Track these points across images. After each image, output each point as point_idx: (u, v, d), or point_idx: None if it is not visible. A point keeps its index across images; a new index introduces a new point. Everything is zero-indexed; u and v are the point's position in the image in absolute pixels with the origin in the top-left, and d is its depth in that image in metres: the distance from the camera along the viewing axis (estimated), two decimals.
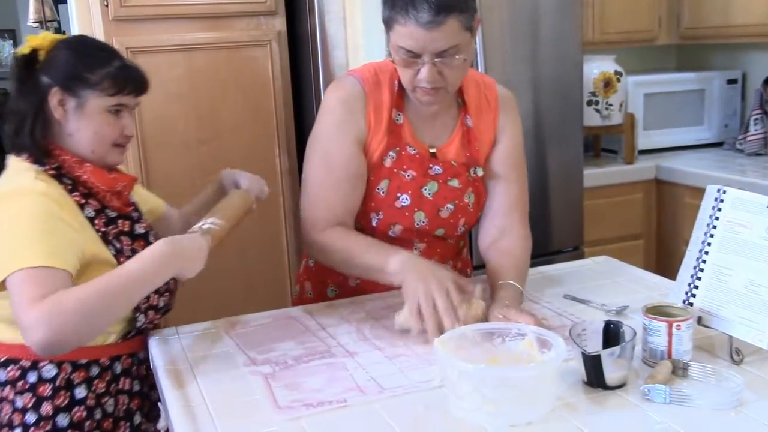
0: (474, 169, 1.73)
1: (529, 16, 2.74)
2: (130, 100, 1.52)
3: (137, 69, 1.53)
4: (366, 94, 1.67)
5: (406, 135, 1.69)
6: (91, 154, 1.50)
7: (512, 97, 1.83)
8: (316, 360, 1.40)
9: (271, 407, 1.23)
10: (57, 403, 1.46)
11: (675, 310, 1.33)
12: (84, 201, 1.48)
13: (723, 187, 1.40)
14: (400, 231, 1.70)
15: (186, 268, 1.40)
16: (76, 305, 1.26)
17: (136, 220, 1.58)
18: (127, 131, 1.52)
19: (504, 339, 1.27)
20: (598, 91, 3.22)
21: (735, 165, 3.18)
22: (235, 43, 2.60)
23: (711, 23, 3.31)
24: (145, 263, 1.36)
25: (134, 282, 1.34)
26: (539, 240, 2.85)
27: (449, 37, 1.50)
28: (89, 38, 1.59)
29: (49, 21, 3.62)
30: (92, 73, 1.46)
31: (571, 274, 1.86)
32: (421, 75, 1.55)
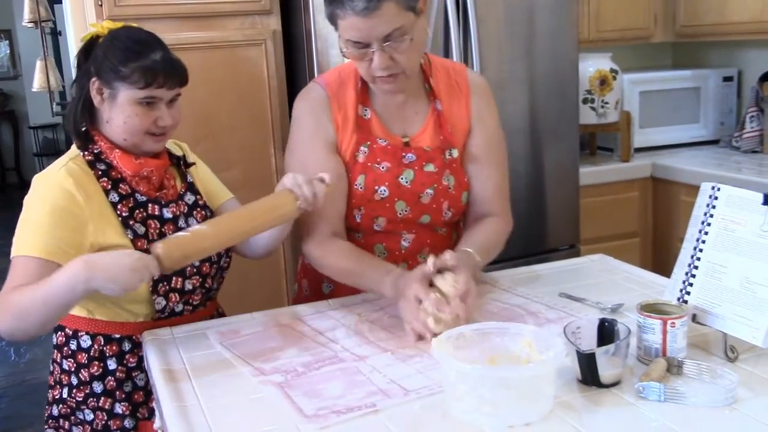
0: (449, 151, 1.74)
1: (524, 13, 2.73)
2: (163, 93, 1.55)
3: (173, 62, 1.56)
4: (329, 97, 1.72)
5: (375, 128, 1.72)
6: (123, 142, 1.58)
7: (484, 83, 1.85)
8: (327, 366, 1.37)
9: (298, 416, 1.19)
10: (92, 371, 1.62)
11: (670, 308, 1.33)
12: (110, 186, 1.57)
13: (717, 184, 1.40)
14: (384, 224, 1.71)
15: (104, 287, 1.36)
16: (14, 309, 1.40)
17: (164, 205, 1.61)
18: (160, 122, 1.56)
19: (503, 338, 1.27)
20: (594, 89, 3.22)
21: (731, 162, 3.18)
22: (230, 43, 2.59)
23: (707, 21, 3.31)
24: (60, 278, 1.38)
25: (51, 296, 1.39)
26: (535, 238, 2.89)
27: (390, 20, 1.52)
28: (134, 30, 1.61)
29: (44, 21, 3.61)
30: (124, 65, 1.52)
31: (567, 272, 1.86)
32: (374, 63, 1.57)
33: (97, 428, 1.63)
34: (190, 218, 1.66)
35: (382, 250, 1.76)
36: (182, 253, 1.42)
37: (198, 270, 1.63)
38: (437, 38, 2.61)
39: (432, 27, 2.59)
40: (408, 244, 1.76)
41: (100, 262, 1.38)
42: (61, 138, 9.65)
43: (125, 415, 1.62)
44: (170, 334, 1.57)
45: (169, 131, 1.61)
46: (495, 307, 1.62)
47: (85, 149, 1.59)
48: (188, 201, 1.68)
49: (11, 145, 9.70)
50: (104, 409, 1.62)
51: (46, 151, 9.57)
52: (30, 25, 3.78)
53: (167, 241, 1.42)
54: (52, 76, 3.58)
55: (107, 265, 1.37)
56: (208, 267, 1.65)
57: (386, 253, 1.76)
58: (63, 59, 7.91)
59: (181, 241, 1.43)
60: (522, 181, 2.78)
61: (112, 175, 1.58)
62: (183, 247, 1.42)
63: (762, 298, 1.28)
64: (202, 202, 1.71)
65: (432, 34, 2.59)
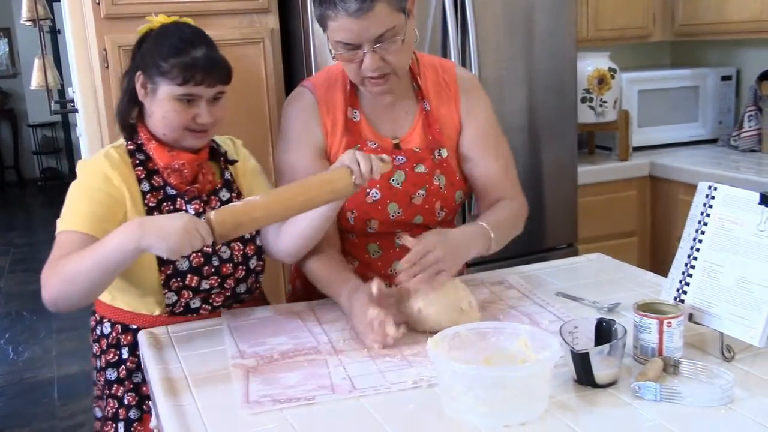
0: (438, 151, 1.74)
1: (523, 12, 2.73)
2: (202, 91, 1.55)
3: (214, 60, 1.57)
4: (317, 101, 1.72)
5: (364, 131, 1.72)
6: (163, 137, 1.60)
7: (473, 78, 1.85)
8: (302, 356, 1.41)
9: (241, 400, 1.24)
10: (108, 358, 1.67)
11: (666, 308, 1.33)
12: (144, 176, 1.60)
13: (714, 183, 1.40)
14: (377, 225, 1.71)
15: (155, 245, 1.36)
16: (62, 274, 1.43)
17: (188, 201, 1.61)
18: (199, 119, 1.57)
19: (498, 338, 1.27)
20: (593, 88, 3.21)
21: (729, 161, 3.18)
22: (228, 41, 2.58)
23: (705, 20, 3.31)
24: (111, 239, 1.40)
25: (102, 257, 1.40)
26: (533, 237, 2.88)
27: (382, 21, 1.52)
28: (182, 26, 1.61)
29: (42, 19, 3.60)
30: (165, 61, 1.54)
31: (564, 271, 1.86)
32: (365, 65, 1.56)
33: (107, 415, 1.67)
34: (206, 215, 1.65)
35: (377, 249, 1.76)
36: (234, 221, 1.40)
37: (217, 270, 1.62)
38: (435, 37, 2.61)
39: (430, 26, 2.59)
40: (402, 243, 1.74)
41: (154, 220, 1.40)
42: (60, 136, 9.65)
43: (131, 406, 1.65)
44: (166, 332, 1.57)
45: (211, 128, 1.61)
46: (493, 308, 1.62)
47: (130, 139, 1.64)
48: (222, 197, 1.67)
49: (10, 144, 9.68)
50: (116, 396, 1.66)
51: (45, 150, 9.57)
52: (28, 23, 3.77)
53: (220, 210, 1.42)
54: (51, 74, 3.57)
55: (160, 223, 1.37)
56: (230, 267, 1.64)
57: (381, 252, 1.76)
58: (62, 57, 7.90)
59: (234, 210, 1.42)
60: (520, 180, 2.76)
61: (148, 165, 1.62)
62: (235, 215, 1.41)
63: (759, 297, 1.28)
64: (237, 200, 1.67)
65: (430, 32, 2.59)
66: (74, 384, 3.84)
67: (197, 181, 1.63)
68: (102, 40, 2.46)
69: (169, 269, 1.57)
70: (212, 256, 1.62)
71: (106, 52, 2.45)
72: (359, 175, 1.45)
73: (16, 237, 7.13)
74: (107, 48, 2.45)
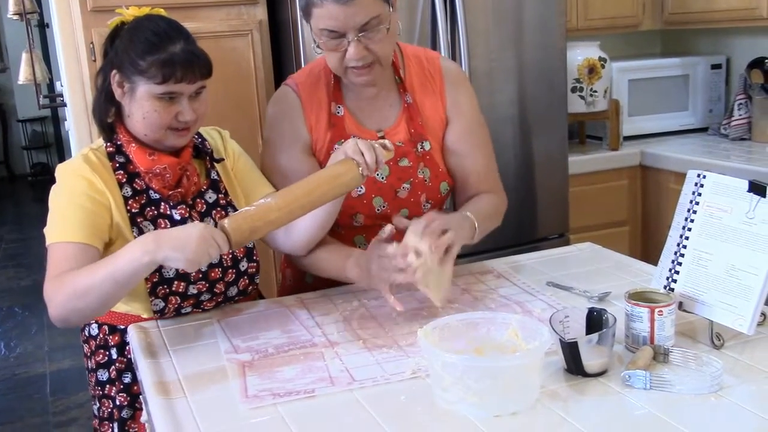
0: (421, 144, 1.74)
1: (512, 2, 2.72)
2: (183, 88, 1.48)
3: (193, 55, 1.49)
4: (301, 99, 1.71)
5: (348, 125, 1.71)
6: (145, 137, 1.54)
7: (458, 70, 1.85)
8: (296, 350, 1.40)
9: (239, 395, 1.23)
10: (97, 359, 1.64)
11: (657, 296, 1.33)
12: (125, 180, 1.55)
13: (703, 172, 1.40)
14: (363, 219, 1.72)
15: (171, 257, 1.33)
16: (71, 289, 1.38)
17: (173, 206, 1.57)
18: (181, 117, 1.50)
19: (489, 328, 1.27)
20: (583, 78, 3.21)
21: (719, 150, 3.19)
22: (216, 33, 2.57)
23: (695, 8, 3.31)
24: (124, 253, 1.37)
25: (116, 271, 1.36)
26: (525, 227, 2.89)
27: (367, 9, 1.52)
28: (156, 20, 1.52)
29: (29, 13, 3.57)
30: (143, 59, 1.46)
31: (555, 260, 1.86)
32: (349, 54, 1.56)
33: (103, 416, 1.66)
34: (206, 218, 1.61)
35: (362, 241, 1.76)
36: (250, 226, 1.38)
37: (205, 275, 1.58)
38: (424, 28, 2.60)
39: (419, 16, 2.58)
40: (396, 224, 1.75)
41: (169, 232, 1.36)
42: (50, 131, 9.60)
43: (123, 406, 1.63)
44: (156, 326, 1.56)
45: (193, 125, 1.55)
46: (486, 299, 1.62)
47: (109, 140, 1.57)
48: (208, 199, 1.63)
49: (0, 139, 9.63)
50: (109, 396, 1.64)
51: (35, 145, 9.52)
52: (15, 17, 3.74)
53: (234, 216, 1.40)
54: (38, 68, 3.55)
55: (175, 234, 1.34)
56: (219, 272, 1.60)
57: (366, 244, 1.75)
58: (51, 51, 7.85)
59: (248, 215, 1.40)
60: (511, 171, 2.78)
61: (129, 168, 1.56)
62: (250, 221, 1.39)
63: (747, 285, 1.28)
64: (224, 201, 1.65)
65: (419, 23, 2.58)
66: (66, 379, 3.83)
67: (181, 185, 1.58)
68: (89, 33, 2.44)
69: (155, 277, 1.53)
70: None
71: (93, 45, 2.44)
72: (365, 166, 1.45)
73: (6, 232, 7.09)
74: (94, 41, 2.43)
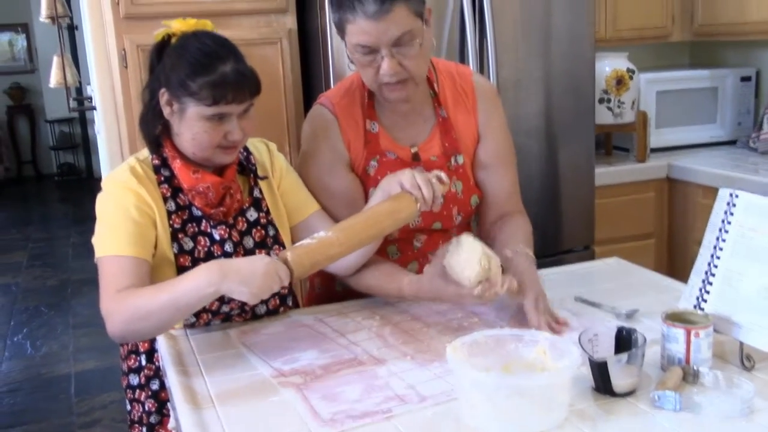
0: (455, 158, 1.75)
1: (541, 13, 2.72)
2: (232, 108, 1.48)
3: (243, 75, 1.48)
4: (338, 118, 1.72)
5: (383, 142, 1.73)
6: (192, 155, 1.54)
7: (490, 86, 1.87)
8: (346, 369, 1.38)
9: (314, 420, 1.20)
10: (129, 364, 1.66)
11: (695, 317, 1.32)
12: (169, 194, 1.55)
13: (735, 191, 1.39)
14: (397, 232, 1.72)
15: (235, 290, 1.34)
16: (132, 310, 1.39)
17: (214, 225, 1.57)
18: (230, 136, 1.50)
19: (517, 345, 1.27)
20: (611, 89, 3.20)
21: (748, 164, 3.15)
22: (246, 41, 2.56)
23: (725, 20, 3.28)
24: (188, 280, 1.38)
25: (179, 297, 1.38)
26: (550, 239, 2.87)
27: (400, 24, 1.52)
28: (204, 38, 1.51)
29: (61, 17, 3.62)
30: (193, 81, 1.45)
31: (582, 275, 1.85)
32: (383, 69, 1.56)
33: (134, 418, 1.68)
34: (246, 237, 1.61)
35: (395, 251, 1.77)
36: (311, 260, 1.40)
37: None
38: (453, 38, 2.60)
39: (447, 26, 2.58)
40: (420, 245, 1.78)
41: (234, 264, 1.37)
42: (77, 132, 9.72)
43: (151, 412, 1.64)
44: (185, 335, 1.57)
45: (240, 143, 1.55)
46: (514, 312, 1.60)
47: (156, 152, 1.57)
48: (249, 217, 1.62)
49: (28, 139, 9.76)
50: (139, 400, 1.65)
51: (62, 145, 9.64)
52: (47, 20, 3.80)
53: (295, 249, 1.41)
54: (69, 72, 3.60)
55: (240, 267, 1.35)
56: None
57: (399, 254, 1.77)
58: (80, 53, 7.94)
59: (309, 250, 1.41)
60: (537, 182, 2.77)
61: (173, 183, 1.56)
62: (312, 255, 1.40)
63: None
64: (265, 220, 1.64)
65: (447, 33, 2.58)
66: (91, 380, 3.86)
67: (223, 204, 1.57)
68: (121, 40, 2.47)
69: None
70: None
71: (125, 51, 2.46)
72: (423, 201, 1.47)
73: (33, 232, 7.18)
74: (126, 48, 2.46)
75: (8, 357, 4.25)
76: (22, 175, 9.75)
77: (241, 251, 1.59)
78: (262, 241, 1.62)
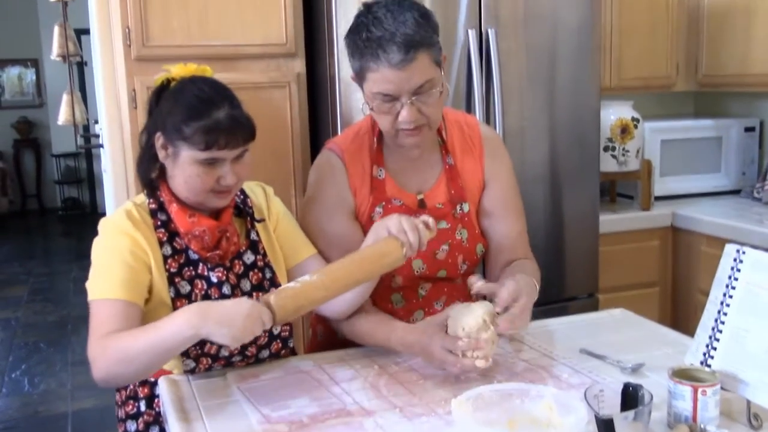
0: (460, 206, 1.75)
1: (546, 62, 2.74)
2: (225, 154, 1.48)
3: (237, 121, 1.49)
4: (346, 164, 1.73)
5: (389, 188, 1.73)
6: (186, 199, 1.55)
7: (497, 136, 1.88)
8: (333, 419, 1.37)
9: None
10: (127, 410, 1.64)
11: (702, 374, 1.30)
12: (166, 239, 1.55)
13: (742, 248, 1.39)
14: (401, 281, 1.72)
15: (216, 333, 1.34)
16: (115, 355, 1.39)
17: (211, 268, 1.56)
18: (223, 181, 1.51)
19: (523, 400, 1.26)
20: (615, 137, 3.21)
21: (752, 214, 3.15)
22: (254, 84, 2.61)
23: (729, 71, 3.31)
24: (169, 323, 1.37)
25: (160, 340, 1.37)
26: (554, 287, 2.87)
27: (423, 73, 1.53)
28: (201, 84, 1.53)
29: (72, 55, 3.67)
30: (186, 125, 1.46)
31: (587, 326, 1.84)
32: (402, 117, 1.57)
33: None
34: (243, 279, 1.61)
35: (399, 299, 1.77)
36: (295, 305, 1.40)
37: None
38: (459, 86, 2.62)
39: (455, 75, 2.61)
40: (425, 293, 1.77)
41: (215, 307, 1.36)
42: (83, 167, 9.77)
43: None
44: (186, 380, 1.56)
45: (235, 187, 1.55)
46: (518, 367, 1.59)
47: (152, 196, 1.58)
48: (246, 260, 1.62)
49: (33, 172, 9.81)
50: None
51: (67, 179, 9.69)
52: (58, 59, 3.84)
53: (279, 293, 1.40)
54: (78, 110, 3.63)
55: (222, 311, 1.34)
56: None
57: (404, 302, 1.76)
58: (88, 89, 8.02)
59: (293, 293, 1.40)
60: (541, 229, 2.77)
61: (170, 227, 1.56)
62: (295, 299, 1.40)
63: None
64: (262, 263, 1.64)
65: (454, 81, 2.61)
66: (88, 419, 3.82)
67: (220, 247, 1.57)
68: (132, 80, 2.49)
69: None
70: None
71: (135, 92, 2.49)
72: (409, 246, 1.46)
73: (35, 266, 7.18)
74: (136, 88, 2.49)
75: (5, 394, 4.22)
76: (26, 209, 9.78)
77: (239, 293, 1.59)
78: (259, 284, 1.62)
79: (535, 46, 2.71)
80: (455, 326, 1.48)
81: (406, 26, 1.52)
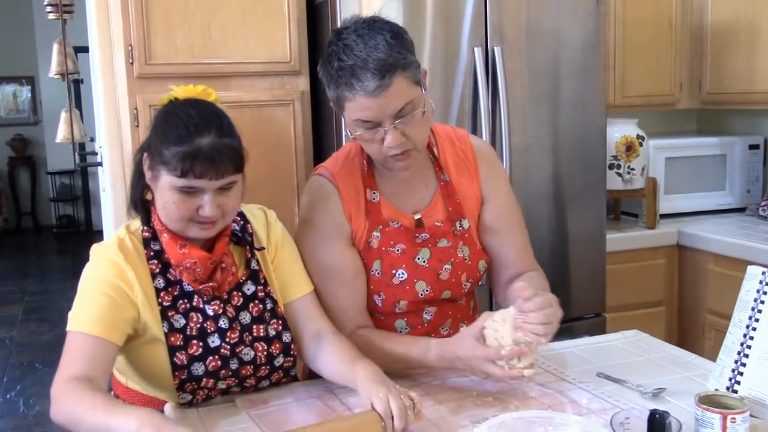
0: (459, 222, 1.71)
1: (551, 80, 2.72)
2: (204, 184, 1.40)
3: (219, 151, 1.39)
4: (339, 189, 1.67)
5: (384, 211, 1.68)
6: (166, 226, 1.47)
7: (489, 148, 1.84)
8: None
9: None
10: None
11: (729, 401, 1.27)
12: (158, 270, 1.48)
13: (766, 270, 1.36)
14: (406, 306, 1.67)
15: None
16: (67, 414, 1.34)
17: (207, 301, 1.50)
18: (202, 211, 1.42)
19: (546, 429, 1.22)
20: (620, 155, 3.19)
21: (758, 232, 3.13)
22: (258, 102, 2.59)
23: (733, 89, 3.30)
24: (121, 417, 1.27)
25: (105, 429, 1.28)
26: (560, 306, 2.82)
27: (401, 96, 1.49)
28: (194, 108, 1.45)
29: (71, 73, 3.64)
30: (167, 149, 1.39)
31: (601, 349, 1.80)
32: (387, 142, 1.52)
33: None
34: (243, 312, 1.54)
35: (404, 325, 1.72)
36: None
37: (235, 372, 1.51)
38: (464, 105, 2.59)
39: (459, 92, 2.58)
40: (430, 317, 1.72)
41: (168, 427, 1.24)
42: (78, 184, 9.72)
43: None
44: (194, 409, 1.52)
45: (220, 220, 1.46)
46: (534, 391, 1.55)
47: (147, 223, 1.51)
48: (246, 291, 1.55)
49: (28, 190, 9.76)
50: None
51: (62, 197, 9.63)
52: (56, 77, 3.81)
53: None
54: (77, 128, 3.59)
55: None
56: (250, 369, 1.53)
57: (408, 329, 1.72)
58: (84, 107, 7.99)
59: None
60: (547, 248, 2.74)
61: (163, 258, 1.49)
62: None
63: None
64: (262, 293, 1.57)
65: (459, 100, 2.58)
66: None
67: (213, 279, 1.49)
68: (134, 99, 2.46)
69: (183, 374, 1.46)
70: (231, 359, 1.49)
71: (137, 110, 2.45)
72: (390, 430, 1.34)
73: (30, 284, 7.11)
74: (138, 107, 2.45)
75: (0, 415, 4.15)
76: (20, 227, 9.71)
77: (238, 327, 1.52)
78: (260, 316, 1.55)
79: (539, 63, 2.69)
80: (494, 336, 1.46)
81: (377, 50, 1.46)
